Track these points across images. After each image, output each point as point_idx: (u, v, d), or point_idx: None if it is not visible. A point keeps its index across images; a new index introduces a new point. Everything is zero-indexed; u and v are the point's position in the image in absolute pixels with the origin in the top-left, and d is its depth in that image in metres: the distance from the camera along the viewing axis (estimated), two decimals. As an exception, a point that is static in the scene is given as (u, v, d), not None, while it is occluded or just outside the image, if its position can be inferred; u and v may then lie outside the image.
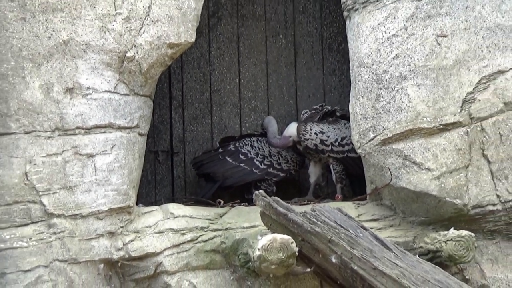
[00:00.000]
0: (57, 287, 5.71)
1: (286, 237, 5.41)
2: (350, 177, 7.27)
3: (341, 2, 6.71)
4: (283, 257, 5.37)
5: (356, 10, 6.45)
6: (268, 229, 5.62)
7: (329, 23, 7.72)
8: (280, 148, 7.23)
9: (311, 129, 7.09)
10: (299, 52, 7.98)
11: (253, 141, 7.27)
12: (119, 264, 5.89)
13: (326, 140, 7.10)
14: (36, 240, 5.70)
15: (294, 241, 5.40)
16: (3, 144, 5.73)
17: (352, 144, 6.68)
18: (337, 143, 7.08)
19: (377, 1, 6.25)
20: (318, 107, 7.20)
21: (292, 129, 7.16)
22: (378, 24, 6.28)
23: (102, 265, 5.85)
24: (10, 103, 5.72)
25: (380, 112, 6.23)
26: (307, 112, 7.20)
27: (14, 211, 5.73)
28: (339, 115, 7.11)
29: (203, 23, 6.75)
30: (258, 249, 5.43)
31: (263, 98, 7.90)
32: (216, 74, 7.80)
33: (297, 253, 5.40)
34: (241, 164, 7.20)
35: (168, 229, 5.98)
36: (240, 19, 7.77)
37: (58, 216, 5.70)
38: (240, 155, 7.28)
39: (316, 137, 7.12)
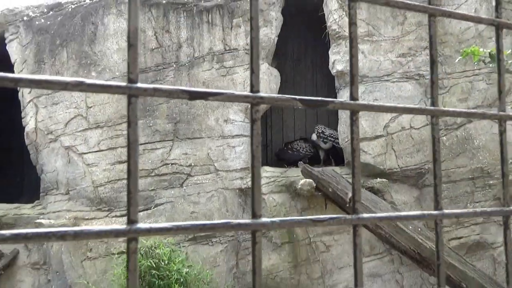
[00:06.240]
0: (219, 199, 7.17)
1: (311, 180, 6.88)
2: (337, 156, 8.14)
3: (335, 86, 7.75)
4: (309, 188, 6.85)
5: (341, 89, 7.61)
6: (304, 177, 6.99)
7: (331, 95, 8.05)
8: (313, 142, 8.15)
9: (320, 128, 8.17)
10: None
11: (298, 142, 8.40)
12: (244, 190, 7.31)
13: (325, 133, 8.07)
14: (212, 180, 7.21)
15: (314, 182, 6.85)
16: (199, 142, 7.22)
17: (339, 141, 7.73)
18: (331, 138, 8.03)
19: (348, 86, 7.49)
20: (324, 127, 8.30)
21: (313, 135, 8.28)
22: (347, 97, 7.78)
23: (237, 190, 7.33)
24: (202, 125, 7.28)
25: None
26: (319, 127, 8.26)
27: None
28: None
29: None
30: (299, 184, 6.91)
31: (303, 127, 9.00)
32: (285, 115, 8.91)
33: (315, 186, 6.83)
34: (294, 152, 8.24)
35: (264, 176, 7.18)
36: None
37: (220, 170, 7.26)
38: (294, 149, 8.26)
39: (321, 130, 8.09)
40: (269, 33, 7.49)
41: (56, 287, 7.36)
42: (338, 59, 7.34)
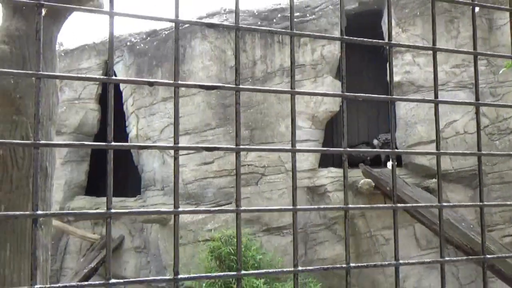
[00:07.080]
0: (289, 196, 7.39)
1: (370, 180, 7.25)
2: (397, 158, 8.04)
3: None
4: (369, 187, 7.21)
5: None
6: (364, 177, 7.32)
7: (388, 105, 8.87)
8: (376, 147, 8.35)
9: (382, 136, 8.47)
10: (380, 114, 9.19)
11: (361, 145, 8.74)
12: (311, 188, 7.67)
13: (387, 140, 8.29)
14: (282, 179, 7.65)
15: (373, 182, 7.19)
16: (271, 146, 7.53)
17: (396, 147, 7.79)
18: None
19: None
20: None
21: (375, 140, 8.59)
22: (404, 105, 7.61)
23: (305, 188, 7.66)
24: (274, 132, 7.79)
25: (407, 135, 7.64)
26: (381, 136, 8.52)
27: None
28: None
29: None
30: (360, 183, 7.29)
31: (365, 132, 9.19)
32: (349, 121, 8.42)
33: (374, 186, 7.17)
34: (357, 155, 8.37)
35: (329, 176, 7.73)
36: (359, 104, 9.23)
37: (290, 171, 7.50)
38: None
39: (383, 138, 8.36)
40: (333, 49, 7.91)
41: (154, 268, 8.08)
42: (395, 71, 7.59)
